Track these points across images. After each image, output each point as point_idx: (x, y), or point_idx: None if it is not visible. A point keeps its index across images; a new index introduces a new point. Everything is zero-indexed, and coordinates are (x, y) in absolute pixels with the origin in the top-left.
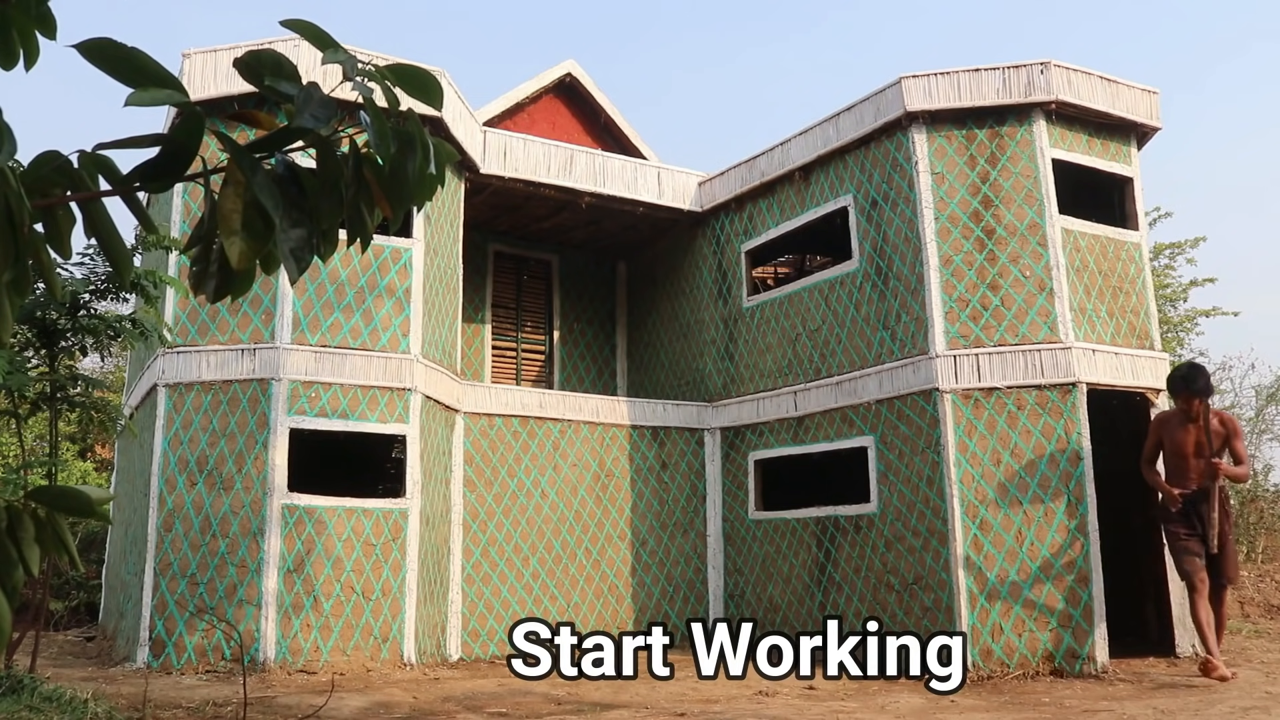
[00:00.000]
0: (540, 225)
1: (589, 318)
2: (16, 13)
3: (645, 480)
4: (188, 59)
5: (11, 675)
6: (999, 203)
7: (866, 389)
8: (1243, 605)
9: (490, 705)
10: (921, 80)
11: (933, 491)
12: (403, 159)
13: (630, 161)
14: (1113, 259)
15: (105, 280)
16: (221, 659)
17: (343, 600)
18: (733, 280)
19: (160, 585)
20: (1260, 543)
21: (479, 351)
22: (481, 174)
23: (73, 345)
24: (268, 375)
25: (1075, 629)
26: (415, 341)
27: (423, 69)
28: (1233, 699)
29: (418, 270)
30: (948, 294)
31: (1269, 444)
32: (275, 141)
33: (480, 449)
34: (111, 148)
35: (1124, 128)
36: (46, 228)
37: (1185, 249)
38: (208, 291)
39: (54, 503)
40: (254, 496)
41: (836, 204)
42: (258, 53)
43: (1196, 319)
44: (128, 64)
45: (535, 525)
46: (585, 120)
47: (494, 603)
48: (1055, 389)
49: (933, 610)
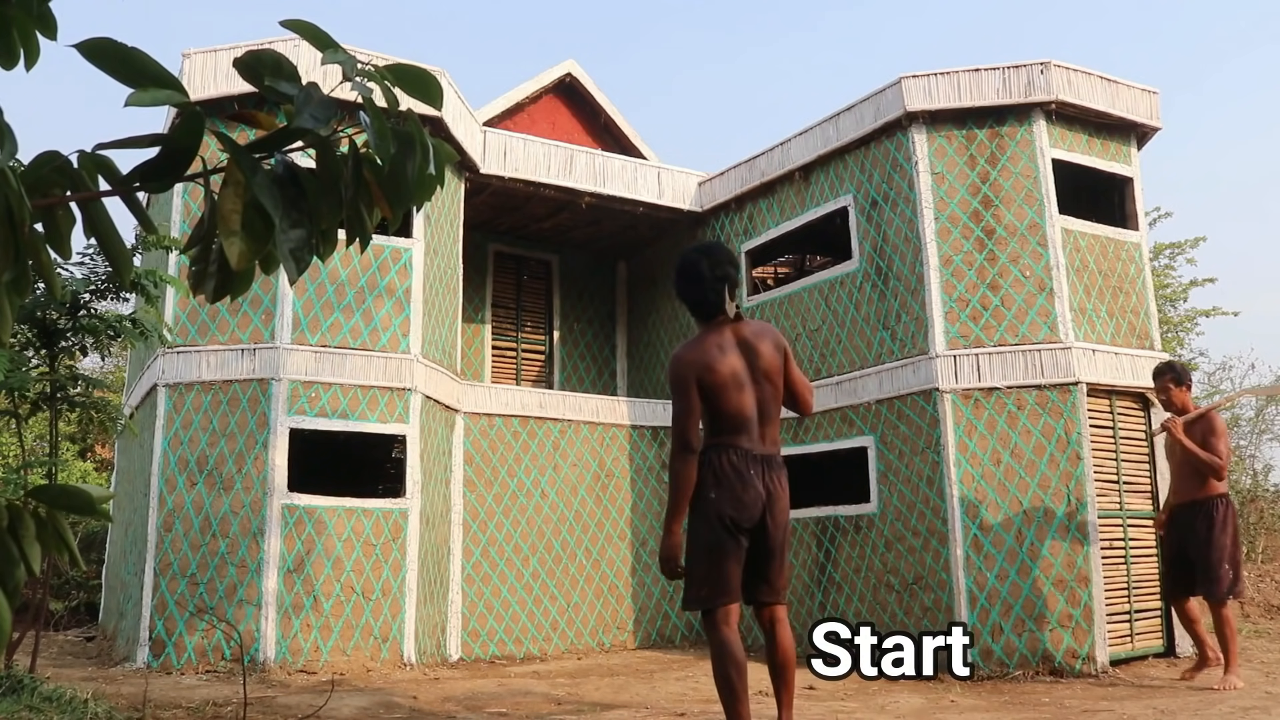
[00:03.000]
0: (540, 225)
1: (589, 318)
2: (17, 13)
3: (645, 480)
4: (188, 59)
5: (11, 675)
6: (999, 203)
7: (866, 389)
8: (1243, 605)
9: (490, 705)
10: (921, 80)
11: (933, 491)
12: (402, 159)
13: (630, 161)
14: (1113, 259)
15: (105, 280)
16: (221, 659)
17: (343, 600)
18: None
19: (160, 585)
20: (1260, 543)
21: (479, 351)
22: (481, 174)
23: (73, 345)
24: (268, 375)
25: (1075, 629)
26: (415, 341)
27: (422, 69)
28: (1233, 699)
29: (418, 270)
30: (948, 294)
31: (1269, 444)
32: (275, 141)
33: (480, 449)
34: (111, 148)
35: (1124, 128)
36: (46, 228)
37: (1185, 249)
38: (207, 291)
39: (55, 501)
40: (254, 496)
41: (836, 204)
42: (258, 53)
43: (1196, 319)
44: (128, 64)
45: (535, 525)
46: (585, 120)
47: (494, 603)
48: (1055, 389)
49: (933, 610)
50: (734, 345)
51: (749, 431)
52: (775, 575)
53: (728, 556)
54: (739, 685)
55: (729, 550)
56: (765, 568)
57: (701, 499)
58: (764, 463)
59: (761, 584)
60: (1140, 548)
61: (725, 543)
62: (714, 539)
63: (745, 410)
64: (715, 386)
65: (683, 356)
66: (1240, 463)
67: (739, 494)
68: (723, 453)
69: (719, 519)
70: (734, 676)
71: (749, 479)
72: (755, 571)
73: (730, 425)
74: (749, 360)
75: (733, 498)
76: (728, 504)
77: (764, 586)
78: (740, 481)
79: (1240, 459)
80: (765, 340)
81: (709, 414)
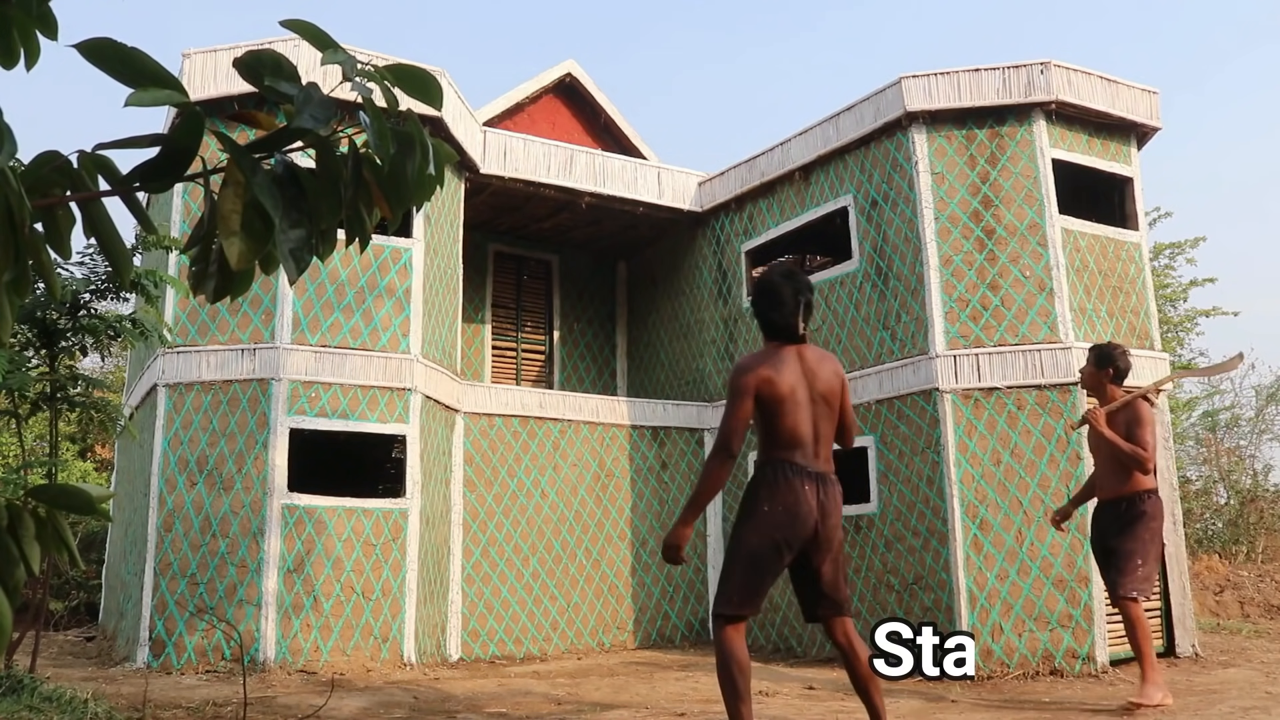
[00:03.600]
0: (540, 225)
1: (589, 318)
2: (17, 13)
3: (645, 480)
4: (188, 59)
5: (11, 675)
6: (999, 203)
7: (866, 389)
8: (1243, 605)
9: (490, 705)
10: (921, 80)
11: (933, 491)
12: (402, 159)
13: (630, 161)
14: (1113, 259)
15: (105, 280)
16: (221, 659)
17: (343, 600)
18: (733, 280)
19: (160, 585)
20: (1260, 543)
21: (479, 351)
22: (481, 174)
23: (73, 345)
24: (268, 375)
25: (1075, 629)
26: (415, 341)
27: (422, 69)
28: (1233, 699)
29: (418, 270)
30: (948, 294)
31: (1269, 444)
32: (275, 141)
33: (480, 449)
34: (111, 148)
35: (1124, 128)
36: (46, 228)
37: (1185, 249)
38: (207, 291)
39: (54, 501)
40: (254, 496)
41: (836, 204)
42: (257, 53)
43: (1196, 319)
44: (128, 64)
45: (535, 525)
46: (585, 120)
47: (494, 603)
48: (1055, 389)
49: (933, 610)
50: (797, 365)
51: (804, 448)
52: (834, 589)
53: (767, 572)
54: (743, 686)
55: (770, 567)
56: (824, 583)
57: (754, 510)
58: (817, 479)
59: (823, 599)
60: None
61: (769, 558)
62: (759, 552)
63: (801, 427)
64: (775, 400)
65: (748, 365)
66: (1240, 463)
67: (792, 508)
68: (778, 468)
69: (770, 533)
70: (738, 678)
71: (802, 494)
72: (814, 588)
73: (786, 441)
74: (809, 381)
75: (786, 512)
76: (781, 518)
77: (826, 601)
78: (794, 496)
79: (1240, 459)
80: (827, 366)
81: (766, 428)
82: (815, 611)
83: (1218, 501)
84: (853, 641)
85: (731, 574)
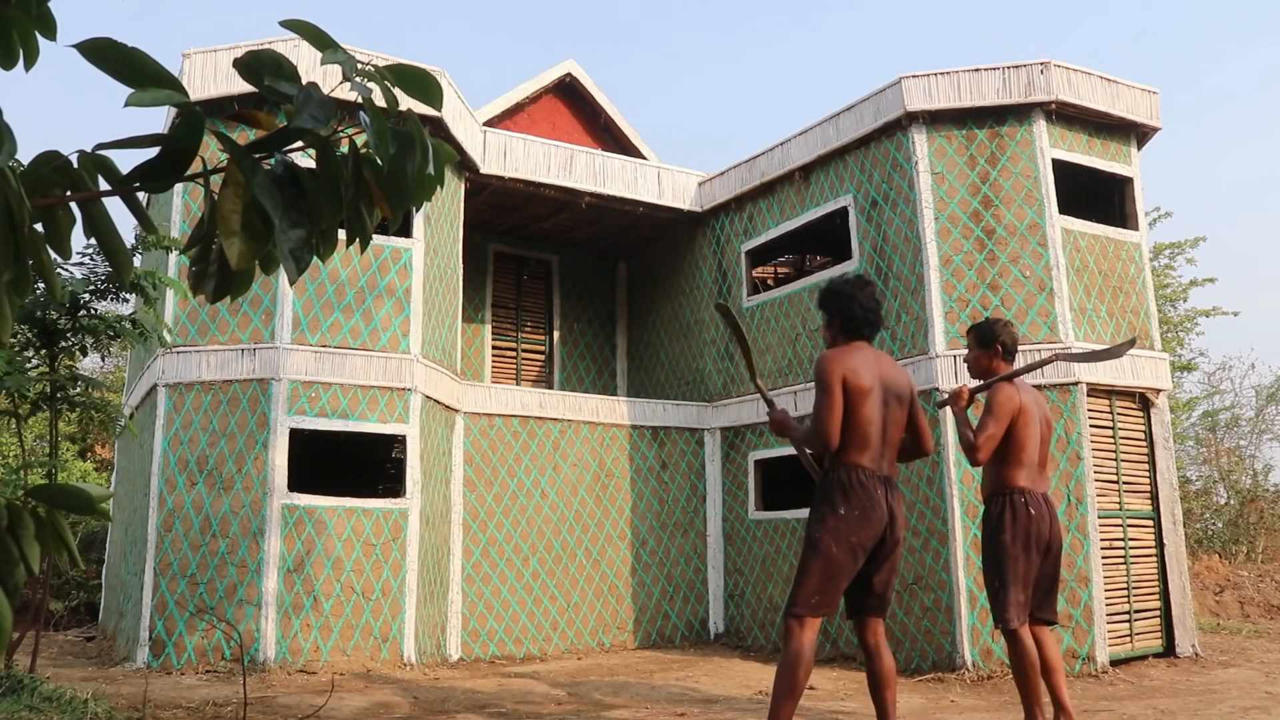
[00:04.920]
0: (540, 225)
1: (589, 318)
2: (16, 13)
3: (645, 480)
4: (188, 59)
5: (11, 675)
6: (999, 203)
7: None
8: (1243, 605)
9: (490, 705)
10: (921, 80)
11: (933, 491)
12: (402, 159)
13: (630, 161)
14: (1113, 259)
15: (105, 280)
16: (221, 659)
17: (343, 600)
18: (733, 280)
19: (160, 585)
20: (1260, 543)
21: (479, 351)
22: (481, 174)
23: (73, 345)
24: (268, 375)
25: (1075, 629)
26: (415, 341)
27: (422, 69)
28: (1233, 699)
29: (418, 270)
30: (948, 294)
31: (1269, 444)
32: (275, 142)
33: (480, 449)
34: (111, 148)
35: (1124, 128)
36: (46, 228)
37: (1185, 249)
38: (207, 291)
39: (54, 501)
40: (254, 497)
41: (836, 204)
42: (257, 53)
43: (1196, 319)
44: (128, 64)
45: (535, 525)
46: (585, 120)
47: (494, 603)
48: (1055, 389)
49: (933, 610)
50: (875, 365)
51: (873, 449)
52: (885, 590)
53: (844, 576)
54: (800, 687)
55: (847, 571)
56: (877, 583)
57: (830, 514)
58: (885, 483)
59: (870, 597)
60: (1140, 548)
61: (846, 564)
62: (839, 558)
63: (874, 424)
64: (857, 390)
65: (833, 356)
66: (1240, 463)
67: (868, 513)
68: (851, 472)
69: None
70: (801, 678)
71: (876, 499)
72: (866, 586)
73: (858, 439)
74: (885, 382)
75: (862, 517)
76: (856, 521)
77: (873, 599)
78: (869, 500)
79: (1240, 459)
80: (900, 373)
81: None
82: (861, 609)
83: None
84: (880, 643)
85: (808, 575)
